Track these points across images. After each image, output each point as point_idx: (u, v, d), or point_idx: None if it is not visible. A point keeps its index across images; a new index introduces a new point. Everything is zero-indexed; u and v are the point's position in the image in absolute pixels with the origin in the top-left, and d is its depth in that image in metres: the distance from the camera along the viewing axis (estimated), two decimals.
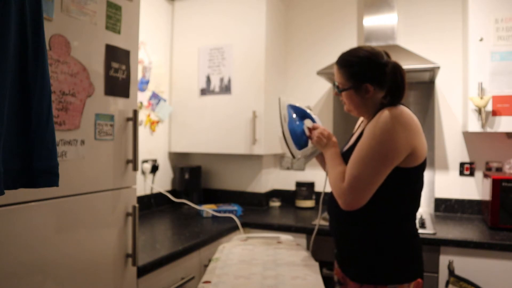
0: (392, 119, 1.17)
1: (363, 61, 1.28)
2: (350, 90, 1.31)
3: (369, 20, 2.33)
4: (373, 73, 1.27)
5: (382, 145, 1.17)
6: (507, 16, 1.98)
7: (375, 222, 1.24)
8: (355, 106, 1.34)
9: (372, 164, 1.17)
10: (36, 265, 1.05)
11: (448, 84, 2.39)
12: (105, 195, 1.30)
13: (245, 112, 2.39)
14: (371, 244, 1.24)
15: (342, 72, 1.32)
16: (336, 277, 1.42)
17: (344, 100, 1.36)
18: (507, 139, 2.27)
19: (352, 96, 1.32)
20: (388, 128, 1.17)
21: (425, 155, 1.26)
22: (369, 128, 1.22)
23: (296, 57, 2.74)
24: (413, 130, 1.19)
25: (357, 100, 1.32)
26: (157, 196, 2.48)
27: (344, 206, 1.22)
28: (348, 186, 1.20)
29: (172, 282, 1.58)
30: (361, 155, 1.20)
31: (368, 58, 1.28)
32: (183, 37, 2.59)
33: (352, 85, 1.30)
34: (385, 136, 1.17)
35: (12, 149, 0.86)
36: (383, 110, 1.21)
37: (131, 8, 1.40)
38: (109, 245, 1.30)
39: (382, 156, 1.17)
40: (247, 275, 1.25)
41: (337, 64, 1.35)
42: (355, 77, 1.29)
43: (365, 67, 1.28)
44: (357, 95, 1.31)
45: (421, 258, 1.28)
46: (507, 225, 1.92)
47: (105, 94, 1.29)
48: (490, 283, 1.73)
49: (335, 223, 1.36)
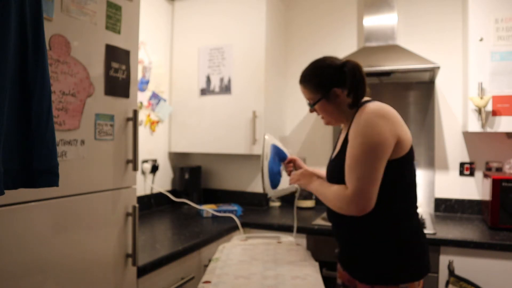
0: (372, 114, 1.20)
1: (321, 69, 1.35)
2: (321, 100, 1.35)
3: (369, 20, 2.33)
4: (334, 76, 1.32)
5: (371, 141, 1.18)
6: (507, 16, 1.98)
7: (379, 221, 1.24)
8: (331, 115, 1.38)
9: (368, 162, 1.18)
10: (36, 265, 1.05)
11: (448, 84, 2.39)
12: (105, 195, 1.30)
13: (245, 112, 2.39)
14: (377, 244, 1.24)
15: (307, 87, 1.37)
16: (340, 280, 1.42)
17: (320, 114, 1.40)
18: (507, 139, 2.27)
19: (325, 106, 1.36)
20: (371, 124, 1.19)
21: (411, 143, 1.27)
22: (353, 129, 1.23)
23: (296, 57, 2.74)
24: (394, 120, 1.22)
25: (331, 109, 1.36)
26: (157, 196, 2.48)
27: (356, 211, 1.19)
28: (354, 190, 1.18)
29: (172, 282, 1.58)
30: (355, 157, 1.20)
31: (325, 64, 1.35)
32: (183, 37, 2.59)
33: (321, 95, 1.34)
34: (371, 131, 1.18)
35: (12, 149, 0.86)
36: (361, 110, 1.24)
37: (131, 8, 1.40)
38: (109, 245, 1.30)
39: (374, 151, 1.17)
40: (247, 275, 1.25)
41: (300, 83, 1.40)
42: (320, 86, 1.34)
43: (325, 74, 1.34)
44: (329, 104, 1.35)
45: (428, 253, 1.29)
46: (507, 225, 1.92)
47: (105, 94, 1.29)
48: (490, 283, 1.73)
49: (339, 227, 1.35)
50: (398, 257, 1.23)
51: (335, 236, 1.41)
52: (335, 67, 1.33)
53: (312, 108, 1.41)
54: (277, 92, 2.59)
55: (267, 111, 2.41)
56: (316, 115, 1.55)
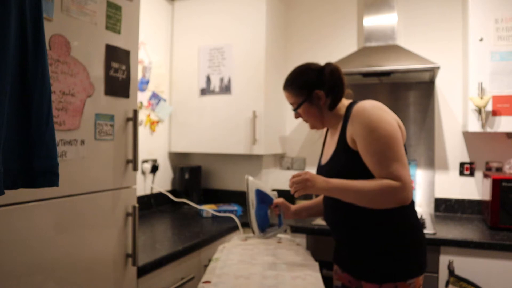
0: (372, 109, 1.22)
1: (302, 73, 1.40)
2: (304, 103, 1.37)
3: (369, 20, 2.33)
4: (315, 79, 1.36)
5: (387, 132, 1.19)
6: (507, 16, 1.98)
7: (382, 219, 1.24)
8: (315, 118, 1.39)
9: (396, 152, 1.18)
10: (36, 265, 1.05)
11: (448, 84, 2.39)
12: (105, 195, 1.30)
13: (245, 112, 2.39)
14: (383, 241, 1.24)
15: (290, 91, 1.41)
16: (340, 282, 1.41)
17: (305, 118, 1.41)
18: (507, 139, 2.27)
19: (309, 109, 1.38)
20: (378, 117, 1.20)
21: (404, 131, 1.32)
22: (359, 127, 1.21)
23: (296, 57, 2.74)
24: (389, 111, 1.27)
25: (315, 111, 1.38)
26: (157, 196, 2.48)
27: (406, 200, 1.17)
28: (404, 179, 1.15)
29: (172, 282, 1.58)
30: (381, 152, 1.18)
31: (305, 68, 1.40)
32: (183, 37, 2.59)
33: (304, 98, 1.37)
34: (382, 124, 1.19)
35: (12, 149, 0.86)
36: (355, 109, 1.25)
37: (131, 8, 1.40)
38: (109, 245, 1.30)
39: (395, 140, 1.19)
40: (247, 275, 1.25)
41: (284, 89, 1.44)
42: (302, 89, 1.37)
43: (306, 77, 1.38)
44: (312, 106, 1.37)
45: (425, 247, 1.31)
46: (507, 225, 1.92)
47: (105, 94, 1.29)
48: (490, 283, 1.73)
49: (340, 229, 1.35)
50: (405, 253, 1.24)
51: (336, 238, 1.40)
52: (316, 70, 1.38)
53: (296, 112, 1.42)
54: (277, 92, 2.59)
55: (267, 111, 2.41)
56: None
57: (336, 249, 1.44)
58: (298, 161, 2.73)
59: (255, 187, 1.65)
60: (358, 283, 1.32)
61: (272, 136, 2.51)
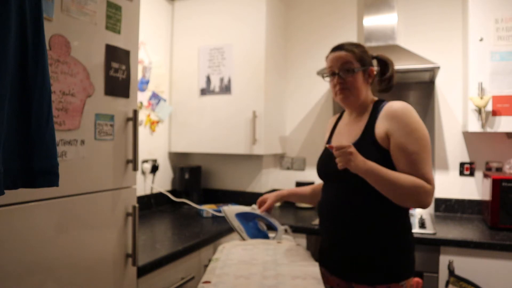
0: (412, 110, 1.24)
1: (364, 47, 1.37)
2: (360, 71, 1.33)
3: (369, 20, 2.33)
4: (370, 58, 1.37)
5: (425, 135, 1.22)
6: (507, 16, 1.98)
7: (382, 220, 1.24)
8: (358, 91, 1.33)
9: (428, 155, 1.22)
10: (36, 265, 1.05)
11: (448, 84, 2.39)
12: (105, 195, 1.30)
13: (245, 112, 2.39)
14: (379, 243, 1.24)
15: (352, 53, 1.33)
16: (328, 285, 1.37)
17: (350, 85, 1.32)
18: (507, 139, 2.27)
19: (359, 80, 1.33)
20: (417, 119, 1.23)
21: None
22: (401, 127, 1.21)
23: (296, 57, 2.74)
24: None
25: (361, 85, 1.34)
26: (157, 196, 2.48)
27: (428, 205, 1.20)
28: (433, 186, 1.20)
29: (172, 282, 1.58)
30: (417, 153, 1.20)
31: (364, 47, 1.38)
32: (183, 37, 2.59)
33: (363, 66, 1.34)
34: (420, 125, 1.23)
35: (12, 149, 0.86)
36: (390, 107, 1.26)
37: (131, 8, 1.40)
38: (109, 245, 1.30)
39: (429, 144, 1.23)
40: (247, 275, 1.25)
41: (343, 49, 1.34)
42: (364, 58, 1.34)
43: (366, 51, 1.36)
44: (363, 79, 1.35)
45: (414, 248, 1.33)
46: (507, 225, 1.92)
47: (105, 94, 1.29)
48: (490, 283, 1.73)
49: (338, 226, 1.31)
50: (399, 255, 1.24)
51: (328, 237, 1.37)
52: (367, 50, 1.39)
53: (342, 76, 1.32)
54: (277, 92, 2.59)
55: (267, 111, 2.41)
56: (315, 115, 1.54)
57: (324, 251, 1.40)
58: (298, 161, 2.73)
59: (233, 214, 1.64)
60: (348, 285, 1.29)
61: (272, 136, 2.51)
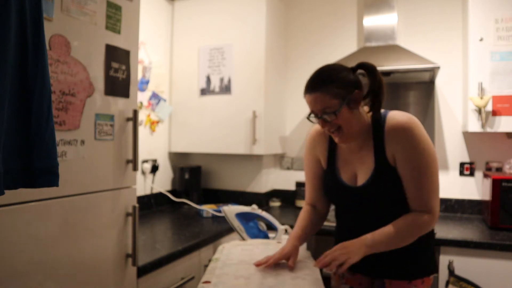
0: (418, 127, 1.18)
1: (337, 71, 1.17)
2: (343, 106, 1.15)
3: (369, 20, 2.33)
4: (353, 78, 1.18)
5: (432, 155, 1.18)
6: (507, 16, 1.98)
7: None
8: (350, 126, 1.18)
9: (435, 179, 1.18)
10: (36, 265, 1.05)
11: (448, 84, 2.39)
12: (105, 195, 1.30)
13: (245, 112, 2.39)
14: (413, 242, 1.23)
15: (325, 92, 1.15)
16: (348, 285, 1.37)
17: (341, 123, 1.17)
18: (507, 139, 2.27)
19: (345, 115, 1.16)
20: (424, 137, 1.18)
21: None
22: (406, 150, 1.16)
23: (296, 57, 2.74)
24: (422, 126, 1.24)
25: (351, 118, 1.17)
26: (157, 196, 2.48)
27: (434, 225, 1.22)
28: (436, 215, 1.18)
29: (172, 282, 1.58)
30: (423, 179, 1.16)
31: (338, 67, 1.19)
32: (183, 37, 2.59)
33: (342, 100, 1.15)
34: (428, 146, 1.18)
35: (12, 149, 0.86)
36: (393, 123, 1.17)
37: (131, 8, 1.40)
38: (109, 245, 1.30)
39: (436, 166, 1.19)
40: (247, 275, 1.25)
41: (314, 91, 1.16)
42: (342, 88, 1.15)
43: (343, 74, 1.16)
44: (350, 112, 1.17)
45: None
46: (507, 225, 1.92)
47: (105, 94, 1.29)
48: (490, 283, 1.73)
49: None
50: (427, 251, 1.28)
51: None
52: (349, 69, 1.19)
53: (325, 119, 1.17)
54: (277, 92, 2.59)
55: (267, 111, 2.41)
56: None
57: None
58: (298, 161, 2.73)
59: (233, 214, 1.66)
60: (370, 283, 1.31)
61: (272, 136, 2.51)
